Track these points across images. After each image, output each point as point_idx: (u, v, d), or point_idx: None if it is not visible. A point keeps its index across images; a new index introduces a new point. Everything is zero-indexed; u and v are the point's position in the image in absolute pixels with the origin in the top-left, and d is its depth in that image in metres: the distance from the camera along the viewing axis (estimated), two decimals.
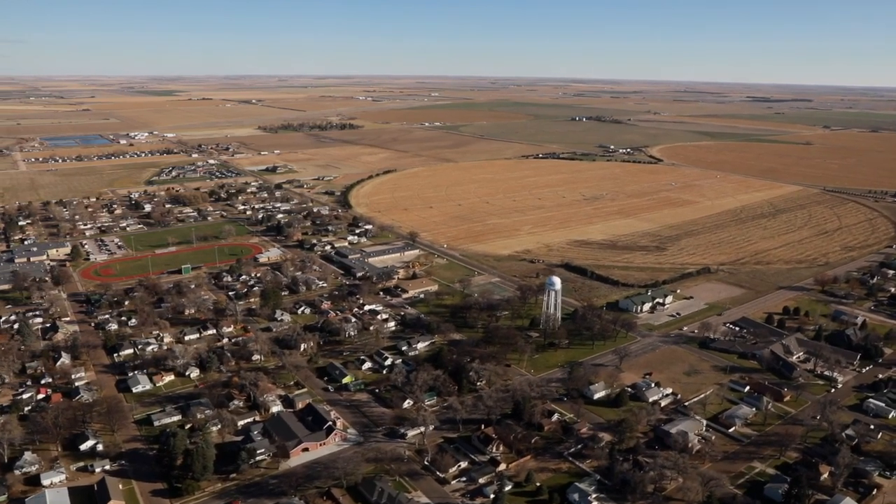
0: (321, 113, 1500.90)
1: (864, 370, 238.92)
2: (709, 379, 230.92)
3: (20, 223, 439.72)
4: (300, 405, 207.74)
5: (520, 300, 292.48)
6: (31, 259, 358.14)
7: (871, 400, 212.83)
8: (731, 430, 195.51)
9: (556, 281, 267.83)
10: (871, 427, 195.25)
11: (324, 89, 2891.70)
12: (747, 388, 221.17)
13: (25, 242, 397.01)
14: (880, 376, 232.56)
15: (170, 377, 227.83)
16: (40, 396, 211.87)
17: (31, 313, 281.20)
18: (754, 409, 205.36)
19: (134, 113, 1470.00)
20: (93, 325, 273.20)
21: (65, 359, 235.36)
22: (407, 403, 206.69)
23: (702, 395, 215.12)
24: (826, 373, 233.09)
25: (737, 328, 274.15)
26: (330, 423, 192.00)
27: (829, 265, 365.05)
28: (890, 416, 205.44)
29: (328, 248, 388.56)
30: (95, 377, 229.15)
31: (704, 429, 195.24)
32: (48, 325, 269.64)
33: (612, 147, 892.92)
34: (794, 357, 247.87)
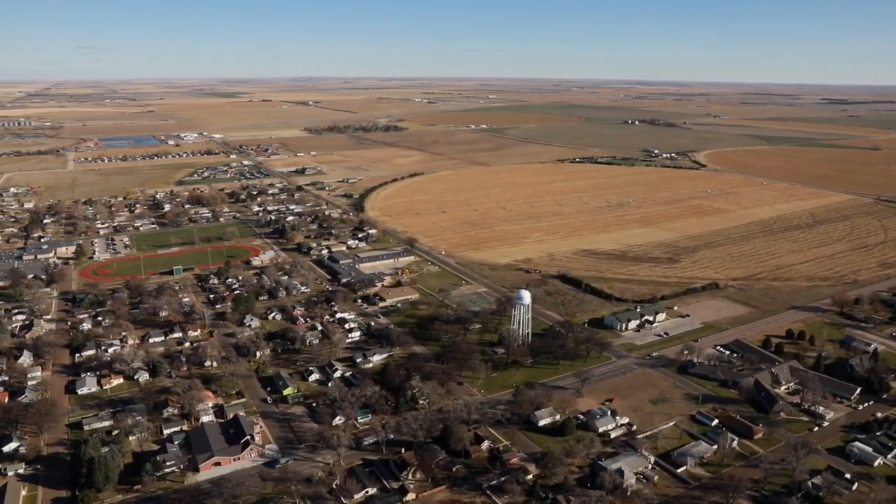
0: (371, 115, 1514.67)
1: (860, 406, 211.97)
2: (677, 409, 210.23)
3: (44, 221, 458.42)
4: (230, 416, 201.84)
5: (493, 313, 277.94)
6: (39, 256, 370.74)
7: (856, 443, 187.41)
8: (680, 469, 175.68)
9: (525, 295, 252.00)
10: (847, 476, 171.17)
11: (383, 91, 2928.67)
12: (715, 421, 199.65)
13: (42, 240, 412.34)
14: (878, 415, 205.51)
15: (118, 380, 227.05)
16: None
17: (16, 310, 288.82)
18: (715, 446, 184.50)
19: (193, 114, 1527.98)
20: (69, 323, 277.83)
21: (26, 357, 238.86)
22: (338, 420, 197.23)
23: (657, 428, 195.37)
24: (813, 408, 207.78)
25: (727, 352, 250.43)
26: (248, 437, 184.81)
27: (856, 284, 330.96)
28: (875, 463, 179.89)
29: (324, 251, 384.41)
30: (51, 377, 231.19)
31: (650, 467, 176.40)
32: (28, 322, 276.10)
33: (655, 151, 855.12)
34: (783, 388, 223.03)
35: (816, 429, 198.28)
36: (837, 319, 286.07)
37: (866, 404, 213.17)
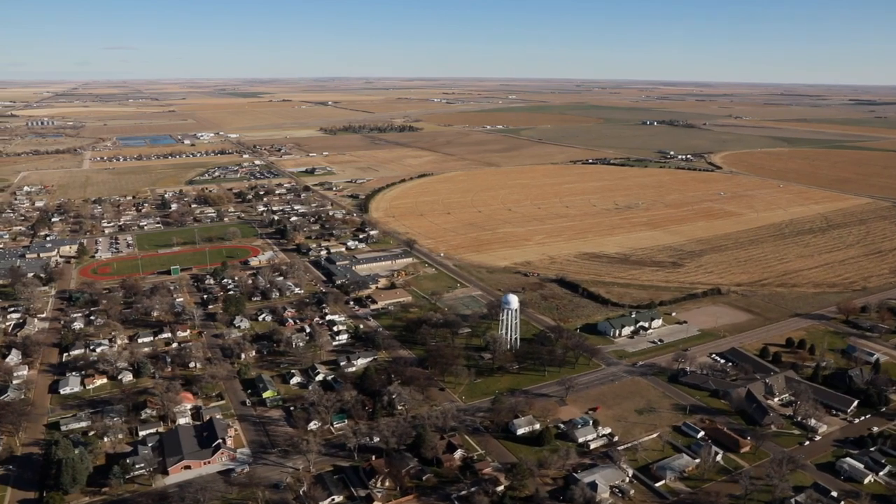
0: (388, 115, 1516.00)
1: (856, 420, 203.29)
2: (663, 419, 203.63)
3: (53, 219, 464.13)
4: (207, 418, 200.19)
5: (483, 317, 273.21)
6: (42, 255, 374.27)
7: (847, 458, 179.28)
8: (658, 483, 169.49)
9: (513, 299, 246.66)
10: (833, 494, 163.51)
11: (404, 91, 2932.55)
12: (701, 433, 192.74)
13: (47, 238, 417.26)
14: (875, 429, 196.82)
15: (102, 380, 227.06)
16: None
17: (11, 308, 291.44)
18: (698, 459, 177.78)
19: (212, 114, 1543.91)
20: (61, 322, 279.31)
21: (14, 356, 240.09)
22: (313, 424, 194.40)
23: (638, 440, 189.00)
24: (806, 420, 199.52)
25: (721, 360, 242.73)
26: (219, 440, 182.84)
27: (866, 291, 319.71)
28: (866, 480, 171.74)
29: (323, 252, 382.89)
30: (36, 376, 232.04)
31: (627, 480, 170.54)
32: (21, 321, 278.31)
33: (671, 153, 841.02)
34: (776, 399, 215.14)
35: (807, 443, 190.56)
36: (841, 328, 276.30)
37: (863, 418, 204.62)
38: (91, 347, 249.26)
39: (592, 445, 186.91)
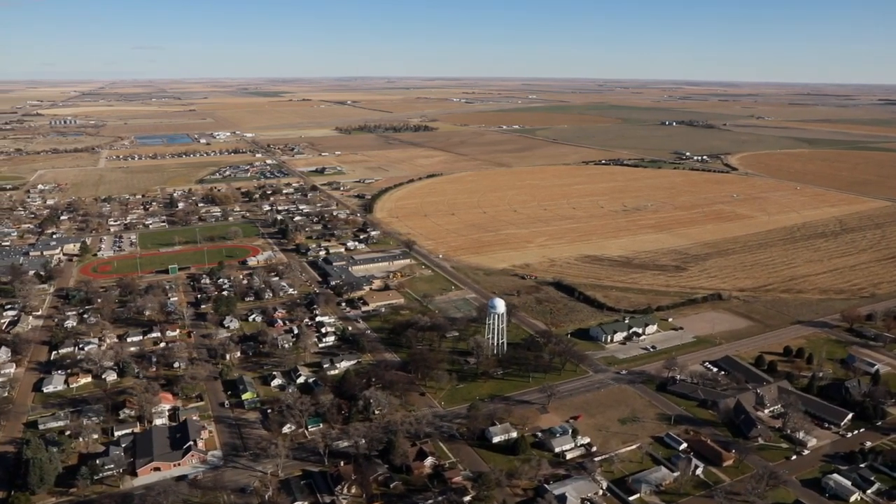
0: (406, 115, 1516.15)
1: (849, 434, 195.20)
2: (646, 429, 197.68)
3: (61, 217, 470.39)
4: (183, 419, 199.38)
5: (472, 321, 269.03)
6: (45, 253, 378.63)
7: (834, 475, 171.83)
8: (633, 497, 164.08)
9: (499, 303, 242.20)
10: None
11: (424, 91, 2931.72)
12: (683, 445, 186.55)
13: (53, 236, 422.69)
14: (868, 444, 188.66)
15: (86, 379, 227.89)
16: None
17: (8, 306, 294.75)
18: (677, 472, 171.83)
19: (231, 113, 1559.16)
20: (55, 320, 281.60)
21: (2, 353, 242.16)
22: (287, 428, 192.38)
23: (616, 451, 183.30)
24: (795, 434, 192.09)
25: (714, 369, 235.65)
26: (190, 442, 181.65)
27: (874, 298, 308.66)
28: (852, 498, 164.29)
29: (322, 252, 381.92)
30: (23, 374, 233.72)
31: (601, 493, 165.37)
32: (16, 318, 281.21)
33: (686, 154, 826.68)
34: (767, 410, 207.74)
35: (794, 457, 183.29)
36: (844, 336, 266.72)
37: (856, 431, 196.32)
38: (80, 346, 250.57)
39: (569, 455, 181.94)
